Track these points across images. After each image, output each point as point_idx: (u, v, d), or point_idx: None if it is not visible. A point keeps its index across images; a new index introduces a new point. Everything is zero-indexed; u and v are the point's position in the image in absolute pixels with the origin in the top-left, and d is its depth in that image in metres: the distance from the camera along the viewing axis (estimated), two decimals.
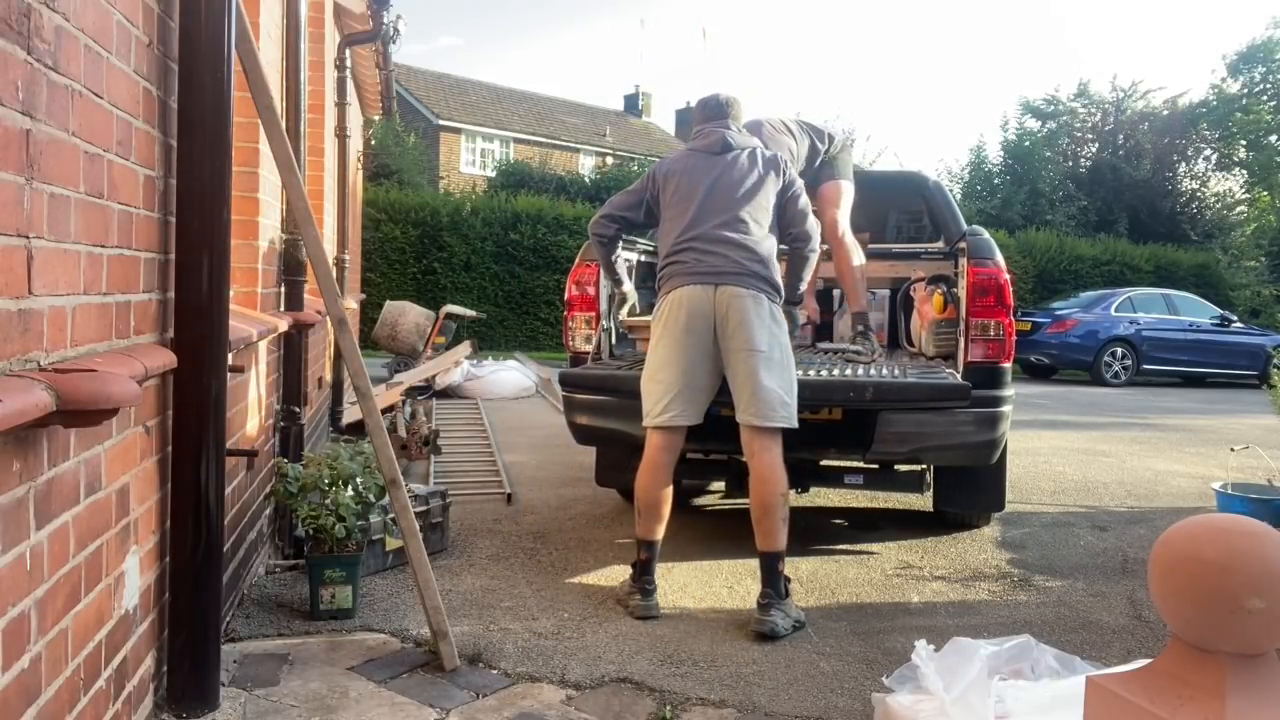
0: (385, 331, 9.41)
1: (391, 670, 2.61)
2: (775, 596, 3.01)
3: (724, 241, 3.18)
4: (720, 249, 3.18)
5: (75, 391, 1.42)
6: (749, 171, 3.30)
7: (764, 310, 3.14)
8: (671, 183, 3.36)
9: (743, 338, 3.10)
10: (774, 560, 3.05)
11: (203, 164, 2.18)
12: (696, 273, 3.17)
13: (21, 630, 1.47)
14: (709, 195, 3.26)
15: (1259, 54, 24.13)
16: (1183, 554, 1.42)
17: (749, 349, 3.09)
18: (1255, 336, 14.54)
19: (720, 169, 3.31)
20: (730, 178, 3.29)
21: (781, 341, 3.17)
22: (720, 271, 3.15)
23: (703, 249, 3.19)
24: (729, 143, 3.35)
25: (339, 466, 3.10)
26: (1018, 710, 2.01)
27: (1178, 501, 5.26)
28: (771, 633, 2.93)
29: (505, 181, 21.20)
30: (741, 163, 3.32)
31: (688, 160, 3.38)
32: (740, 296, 3.12)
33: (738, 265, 3.15)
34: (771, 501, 3.06)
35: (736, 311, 3.10)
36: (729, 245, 3.18)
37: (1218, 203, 24.76)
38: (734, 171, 3.30)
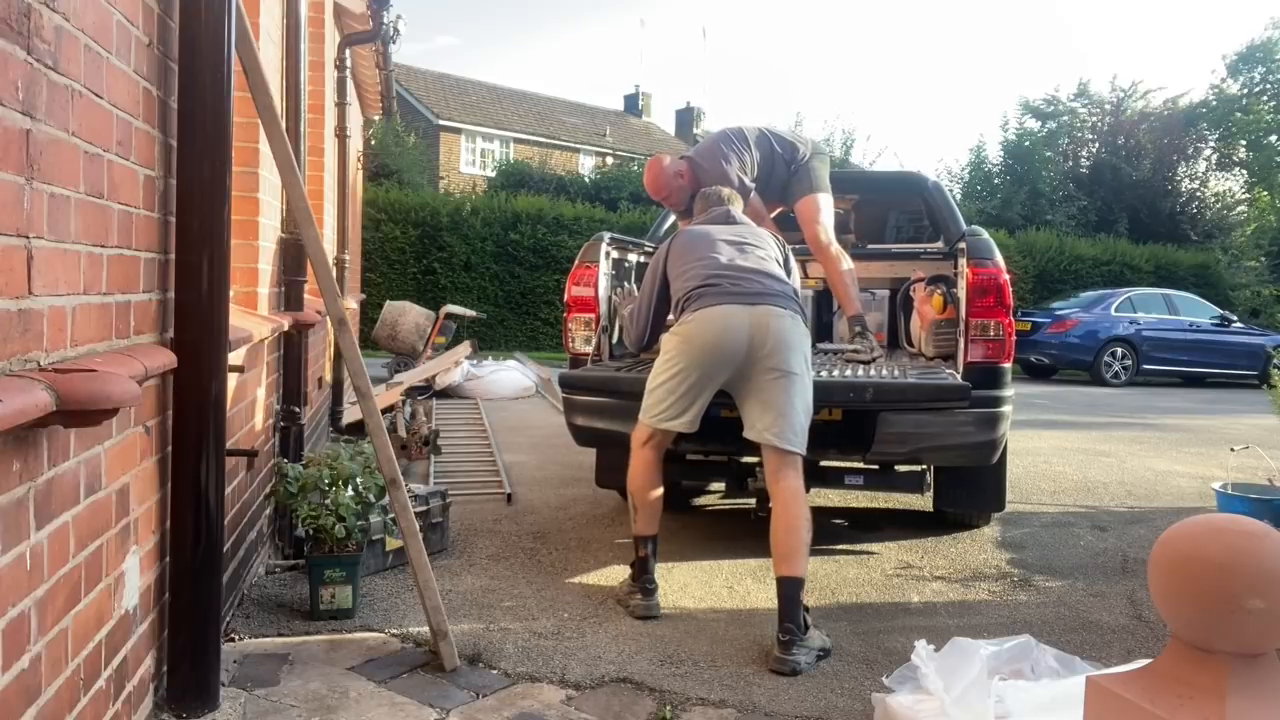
0: (385, 331, 9.41)
1: (391, 670, 2.61)
2: (796, 631, 2.78)
3: (756, 271, 3.21)
4: (754, 276, 3.19)
5: (75, 391, 1.42)
6: (758, 234, 3.43)
7: (800, 332, 3.13)
8: (678, 251, 3.39)
9: (780, 358, 3.04)
10: (794, 588, 2.84)
11: (203, 164, 2.19)
12: (733, 294, 3.14)
13: (21, 630, 1.47)
14: (728, 241, 3.34)
15: (1259, 54, 24.13)
16: (1183, 554, 1.42)
17: (784, 370, 3.03)
18: (1255, 336, 14.54)
19: (730, 228, 3.43)
20: (744, 232, 3.41)
21: (809, 369, 3.16)
22: (759, 293, 3.14)
23: (735, 276, 3.19)
24: (733, 216, 3.51)
25: (339, 466, 3.10)
26: (1018, 710, 2.01)
27: (1178, 501, 5.26)
28: (793, 672, 2.70)
29: (505, 181, 21.22)
30: (750, 228, 3.47)
31: (691, 231, 3.47)
32: (780, 317, 3.09)
33: (774, 290, 3.16)
34: (794, 522, 2.93)
35: (776, 332, 3.06)
36: (761, 275, 3.20)
37: (1218, 203, 24.75)
38: (745, 230, 3.44)
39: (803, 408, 3.05)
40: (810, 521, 2.97)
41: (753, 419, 3.06)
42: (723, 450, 3.98)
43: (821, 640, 2.87)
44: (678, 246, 3.42)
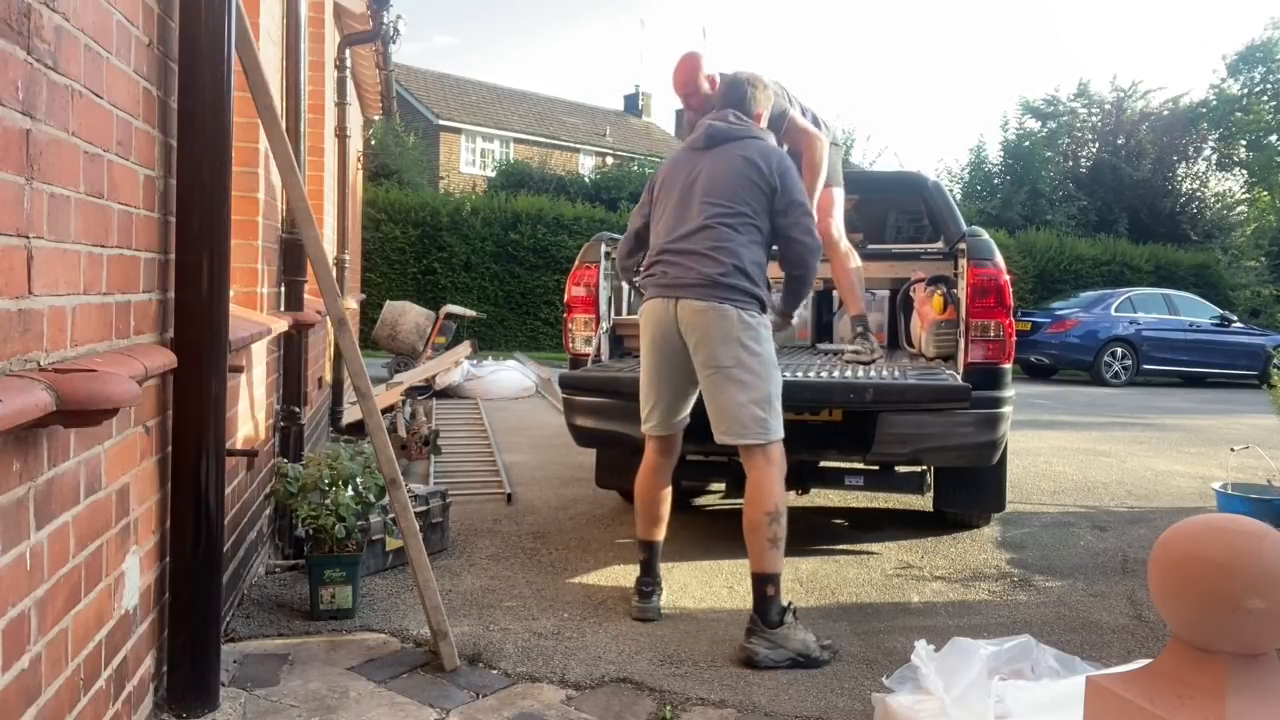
0: (385, 331, 9.41)
1: (391, 670, 2.61)
2: (759, 625, 2.77)
3: (689, 254, 2.97)
4: (684, 260, 2.98)
5: (75, 391, 1.42)
6: (732, 170, 3.01)
7: (728, 323, 2.88)
8: (659, 185, 3.22)
9: (703, 355, 2.92)
10: (761, 582, 2.82)
11: (203, 164, 2.19)
12: (660, 284, 3.02)
13: (21, 630, 1.47)
14: (684, 198, 3.06)
15: (1259, 54, 24.14)
16: (1183, 554, 1.42)
17: (711, 366, 2.91)
18: (1255, 336, 14.55)
19: (700, 167, 3.07)
20: (709, 178, 3.03)
21: (755, 351, 2.91)
22: (680, 284, 2.96)
23: (670, 260, 3.02)
24: (715, 135, 3.10)
25: (339, 466, 3.10)
26: (1018, 710, 2.01)
27: (1178, 501, 5.26)
28: (749, 661, 2.73)
29: (505, 181, 21.21)
30: (727, 160, 3.03)
31: (675, 158, 3.21)
32: (699, 311, 2.91)
33: (701, 277, 2.92)
34: (755, 519, 2.85)
35: (695, 328, 2.92)
36: (693, 257, 2.96)
37: (1218, 203, 24.76)
38: (715, 170, 3.04)
39: (749, 398, 2.88)
40: (775, 516, 2.85)
41: (712, 420, 3.00)
42: (723, 451, 3.98)
43: (802, 645, 2.76)
44: (660, 178, 3.22)
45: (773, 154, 3.07)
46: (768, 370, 2.94)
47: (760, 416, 2.90)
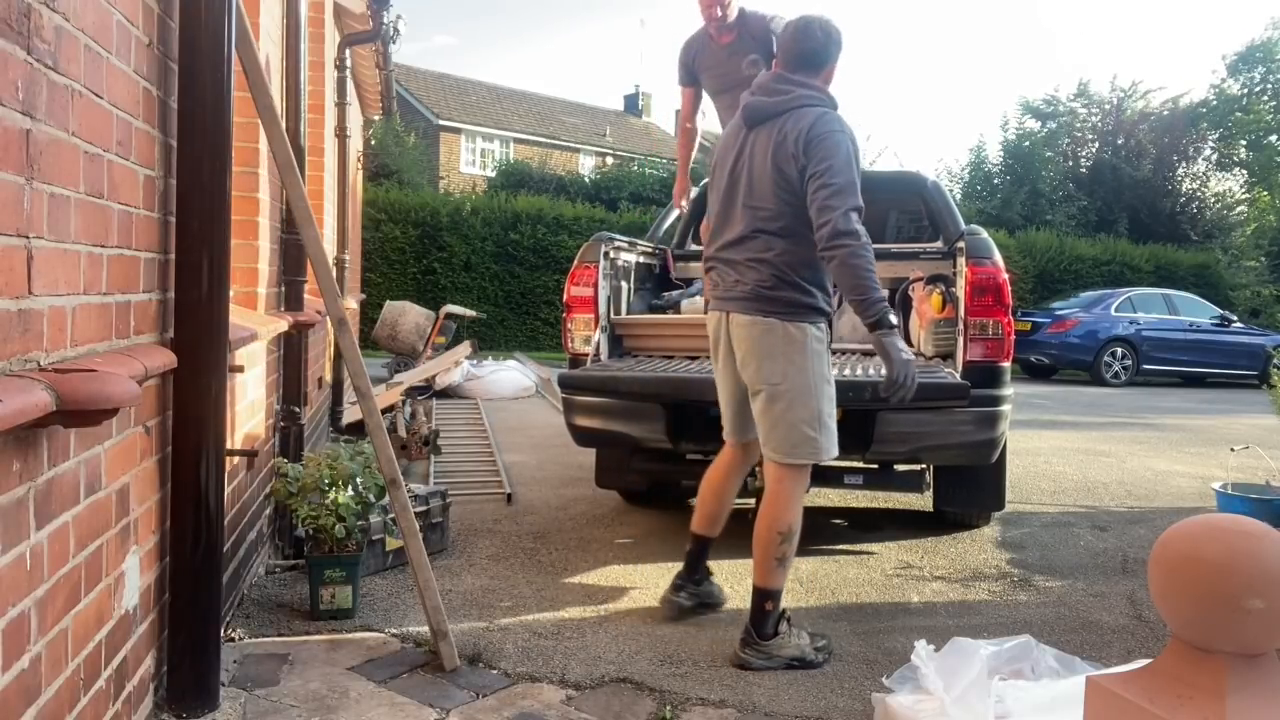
0: (385, 331, 9.41)
1: (391, 670, 2.61)
2: (754, 636, 2.72)
3: (734, 263, 2.81)
4: (732, 270, 2.82)
5: (75, 391, 1.42)
6: (766, 163, 2.73)
7: (774, 338, 2.72)
8: (714, 166, 2.97)
9: (749, 371, 2.79)
10: (761, 597, 2.75)
11: (203, 164, 2.19)
12: (715, 296, 2.91)
13: (21, 630, 1.47)
14: (729, 195, 2.85)
15: (1259, 54, 24.13)
16: (1183, 554, 1.42)
17: (756, 382, 2.77)
18: (1255, 336, 14.54)
19: (743, 154, 2.81)
20: (748, 173, 2.79)
21: (801, 367, 2.71)
22: (729, 296, 2.82)
23: (720, 269, 2.87)
24: (753, 114, 2.80)
25: (339, 466, 3.10)
26: (1018, 710, 2.02)
27: (1178, 501, 5.26)
28: (742, 666, 2.71)
29: (505, 181, 21.21)
30: (764, 149, 2.74)
31: (727, 134, 2.93)
32: (744, 325, 2.77)
33: (746, 290, 2.76)
34: (767, 535, 2.75)
35: (741, 342, 2.79)
36: (738, 267, 2.79)
37: (1218, 203, 24.75)
38: (753, 163, 2.78)
39: (799, 416, 2.72)
40: (787, 536, 2.75)
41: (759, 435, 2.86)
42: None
43: (796, 650, 2.74)
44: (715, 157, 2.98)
45: (806, 122, 2.68)
46: (817, 386, 2.74)
47: (811, 436, 2.73)
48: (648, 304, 4.96)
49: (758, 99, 2.80)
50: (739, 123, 2.85)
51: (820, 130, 2.65)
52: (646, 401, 3.72)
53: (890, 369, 2.61)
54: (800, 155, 2.65)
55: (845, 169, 2.62)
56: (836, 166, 2.61)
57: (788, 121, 2.70)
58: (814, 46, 2.77)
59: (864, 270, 2.57)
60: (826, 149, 2.63)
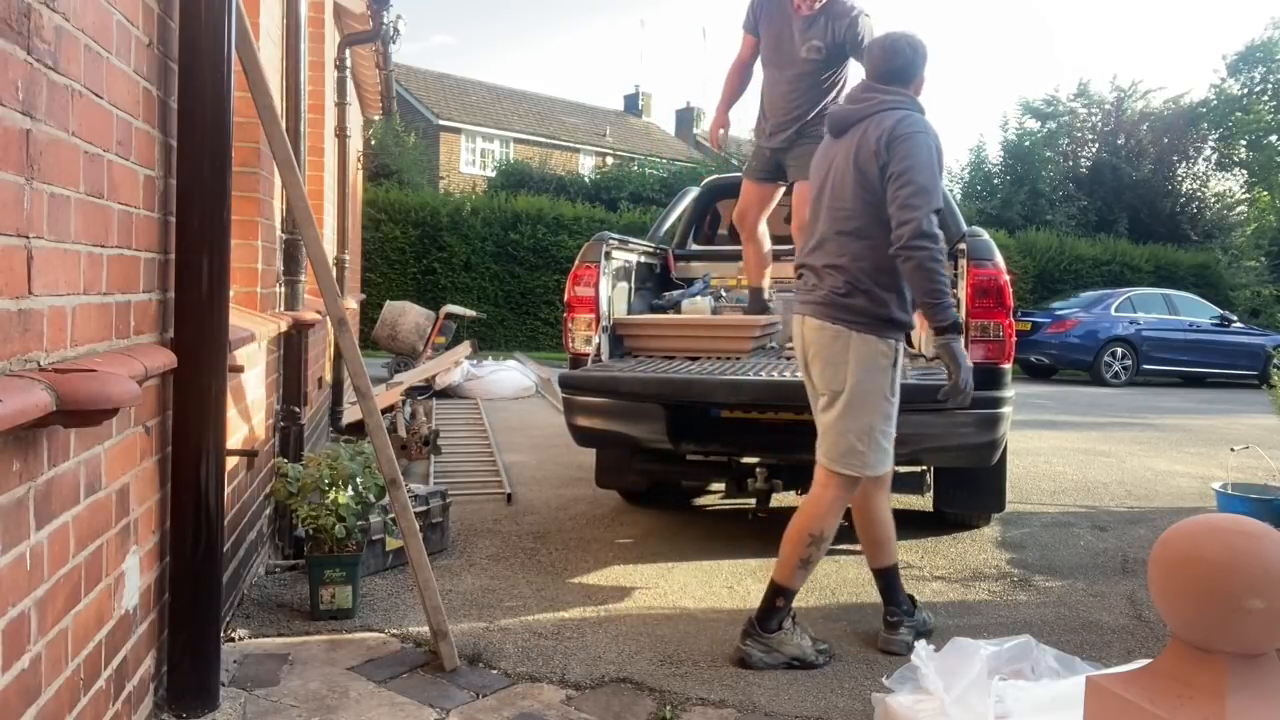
0: (385, 331, 9.41)
1: (391, 670, 2.61)
2: (756, 629, 2.75)
3: (814, 269, 2.82)
4: (813, 275, 2.82)
5: (75, 391, 1.42)
6: (848, 167, 2.75)
7: (838, 346, 2.71)
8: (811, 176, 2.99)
9: (814, 373, 2.82)
10: (776, 593, 2.77)
11: (203, 164, 2.19)
12: (798, 299, 2.89)
13: (21, 630, 1.47)
14: (816, 203, 2.87)
15: (1259, 54, 24.12)
16: (1183, 554, 1.42)
17: (819, 388, 2.80)
18: (1255, 336, 14.54)
19: (831, 163, 2.83)
20: (833, 180, 2.81)
21: (862, 379, 2.69)
22: (806, 301, 2.83)
23: (805, 273, 2.87)
24: (836, 123, 2.84)
25: (339, 466, 3.10)
26: (1018, 710, 2.01)
27: (1178, 501, 5.26)
28: (742, 662, 2.73)
29: (505, 181, 21.21)
30: (846, 154, 2.77)
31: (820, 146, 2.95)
32: (816, 330, 2.77)
33: (822, 296, 2.77)
34: (798, 535, 2.76)
35: (813, 346, 2.80)
36: (818, 273, 2.80)
37: (1218, 203, 24.75)
38: (837, 169, 2.80)
39: (848, 426, 2.71)
40: (818, 540, 2.75)
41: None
42: (723, 450, 3.98)
43: (798, 649, 2.74)
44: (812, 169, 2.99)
45: (889, 122, 2.69)
46: (876, 401, 2.71)
47: (857, 449, 2.71)
48: (649, 304, 4.96)
49: (843, 108, 2.86)
50: (829, 132, 2.90)
51: (903, 130, 2.66)
52: (647, 402, 3.72)
53: (958, 374, 2.65)
54: (882, 153, 2.66)
55: (927, 169, 2.64)
56: (918, 166, 2.62)
57: (871, 124, 2.72)
58: (902, 63, 2.82)
59: (940, 275, 2.60)
60: (909, 148, 2.64)
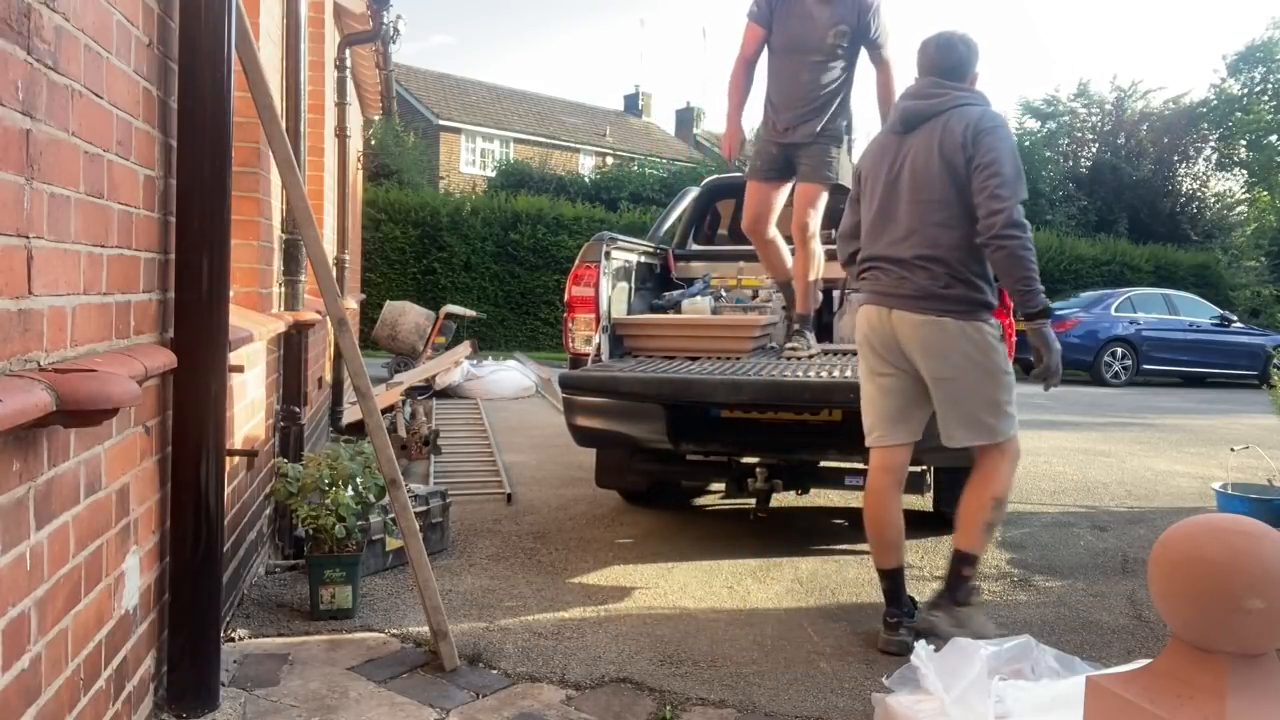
0: (385, 331, 9.41)
1: (391, 670, 2.61)
2: (947, 600, 2.82)
3: (900, 262, 2.82)
4: (897, 269, 2.83)
5: (75, 391, 1.42)
6: (933, 157, 2.79)
7: (948, 335, 2.78)
8: (863, 179, 3.00)
9: (928, 368, 2.83)
10: (962, 562, 2.85)
11: (203, 164, 2.19)
12: (875, 290, 2.90)
13: (21, 630, 1.47)
14: (889, 195, 2.88)
15: (1259, 54, 24.14)
16: (1183, 554, 1.42)
17: (937, 378, 2.83)
18: (1255, 336, 14.54)
19: (902, 157, 2.86)
20: (911, 171, 2.83)
21: (977, 360, 2.80)
22: (895, 294, 2.83)
23: (883, 268, 2.88)
24: (911, 118, 2.87)
25: (339, 466, 3.10)
26: (1018, 710, 2.01)
27: (1178, 501, 5.26)
28: (931, 630, 2.70)
29: (505, 181, 21.22)
30: (928, 145, 2.81)
31: (876, 143, 2.98)
32: (918, 325, 2.80)
33: (917, 289, 2.79)
34: (980, 501, 2.85)
35: (914, 341, 2.82)
36: (906, 265, 2.81)
37: (1218, 203, 24.77)
38: (917, 160, 2.82)
39: (974, 406, 2.82)
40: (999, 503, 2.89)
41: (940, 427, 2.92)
42: (723, 450, 3.98)
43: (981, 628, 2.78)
44: (864, 168, 3.00)
45: (972, 116, 2.79)
46: (997, 377, 2.85)
47: (989, 423, 2.85)
48: (649, 304, 4.96)
49: (914, 103, 2.89)
50: (895, 127, 2.92)
51: (987, 124, 2.76)
52: (647, 402, 3.73)
53: (1050, 357, 2.80)
54: (969, 145, 2.73)
55: (1012, 160, 2.74)
56: (1004, 158, 2.72)
57: (951, 119, 2.79)
58: (957, 60, 2.89)
59: (1031, 262, 2.70)
60: (994, 141, 2.73)
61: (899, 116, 2.92)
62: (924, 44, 2.98)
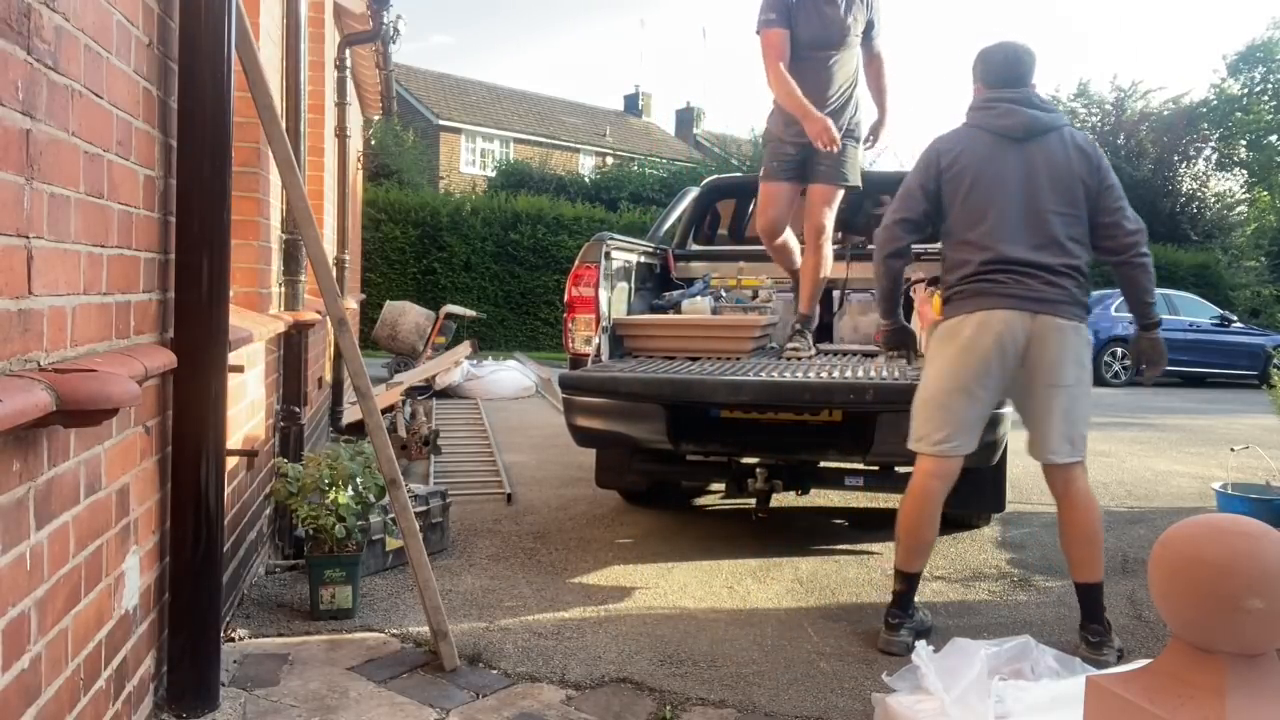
0: (385, 331, 9.41)
1: (391, 670, 2.61)
2: (1104, 632, 2.84)
3: (1046, 268, 2.81)
4: (1041, 274, 2.81)
5: (75, 391, 1.42)
6: (1071, 171, 2.86)
7: (1080, 341, 2.85)
8: (964, 176, 2.89)
9: (1055, 373, 2.82)
10: (1099, 592, 2.88)
11: (203, 164, 2.19)
12: (1014, 295, 2.80)
13: (21, 630, 1.47)
14: (1017, 203, 2.84)
15: (1259, 54, 24.14)
16: (1183, 555, 1.42)
17: (1057, 384, 2.82)
18: (1255, 336, 14.54)
19: (1027, 165, 2.85)
20: (1050, 179, 2.85)
21: (1087, 369, 2.90)
22: (1042, 299, 2.80)
23: (1020, 271, 2.81)
24: (1035, 126, 2.87)
25: (339, 466, 3.10)
26: (1018, 710, 2.01)
27: (1178, 501, 5.26)
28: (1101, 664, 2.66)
29: (505, 181, 21.23)
30: (1062, 156, 2.85)
31: (979, 145, 2.90)
32: (1061, 329, 2.80)
33: (1065, 294, 2.82)
34: (1095, 528, 2.87)
35: (1054, 345, 2.80)
36: (1053, 272, 2.81)
37: (1218, 203, 24.75)
38: (1054, 170, 2.85)
39: (1080, 416, 2.87)
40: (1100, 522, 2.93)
41: (1031, 438, 2.93)
42: (723, 450, 3.98)
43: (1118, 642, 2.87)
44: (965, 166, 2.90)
45: (1081, 137, 2.93)
46: (1089, 387, 2.94)
47: (1084, 435, 2.91)
48: (649, 304, 4.96)
49: (1035, 114, 2.90)
50: (1014, 132, 2.89)
51: (1096, 148, 2.96)
52: (647, 402, 3.72)
53: (1162, 362, 3.00)
54: (1099, 171, 2.90)
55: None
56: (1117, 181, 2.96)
57: (1070, 135, 2.91)
58: (1024, 70, 2.97)
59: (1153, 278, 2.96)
60: (1106, 165, 2.94)
61: (1019, 122, 2.88)
62: (988, 53, 3.02)
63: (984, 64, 2.99)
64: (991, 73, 2.97)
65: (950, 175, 2.92)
